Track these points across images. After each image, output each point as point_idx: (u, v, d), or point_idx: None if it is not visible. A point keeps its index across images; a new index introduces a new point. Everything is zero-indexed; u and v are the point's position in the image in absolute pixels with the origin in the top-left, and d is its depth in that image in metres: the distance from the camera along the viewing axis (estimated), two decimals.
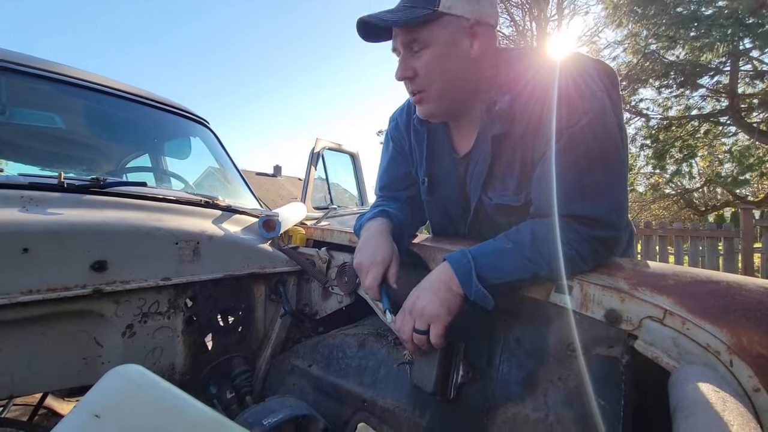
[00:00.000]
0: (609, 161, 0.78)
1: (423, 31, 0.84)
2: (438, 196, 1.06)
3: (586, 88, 0.78)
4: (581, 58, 0.84)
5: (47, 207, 0.93)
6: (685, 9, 7.83)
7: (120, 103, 1.53)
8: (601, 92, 0.78)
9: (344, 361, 1.05)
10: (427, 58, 0.86)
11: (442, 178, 1.04)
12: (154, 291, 1.00)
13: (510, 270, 0.77)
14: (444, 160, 1.02)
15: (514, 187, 0.89)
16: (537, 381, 0.78)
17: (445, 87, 0.88)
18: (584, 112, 0.76)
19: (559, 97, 0.78)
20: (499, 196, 0.92)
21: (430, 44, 0.85)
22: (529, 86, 0.84)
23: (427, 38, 0.85)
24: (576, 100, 0.77)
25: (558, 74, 0.80)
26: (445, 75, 0.87)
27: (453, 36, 0.84)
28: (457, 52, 0.85)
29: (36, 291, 0.82)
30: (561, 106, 0.78)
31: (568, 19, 10.18)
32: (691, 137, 9.46)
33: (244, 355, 1.21)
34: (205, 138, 1.86)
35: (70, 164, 1.57)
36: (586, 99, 0.77)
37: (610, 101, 0.79)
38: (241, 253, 1.18)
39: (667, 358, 0.64)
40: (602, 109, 0.77)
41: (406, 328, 0.81)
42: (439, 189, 1.05)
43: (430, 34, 0.84)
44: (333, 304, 1.25)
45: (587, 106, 0.77)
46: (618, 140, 0.80)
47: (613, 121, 0.79)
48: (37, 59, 1.33)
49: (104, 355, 0.94)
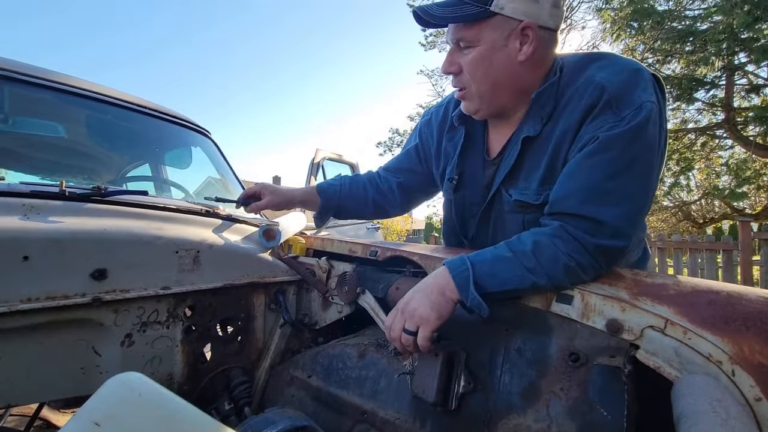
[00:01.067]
0: (638, 171, 0.77)
1: (472, 28, 0.82)
2: (460, 195, 1.06)
3: (636, 98, 0.77)
4: (637, 65, 0.83)
5: (48, 215, 0.93)
6: (680, 24, 7.97)
7: (121, 113, 1.55)
8: (650, 103, 0.77)
9: (344, 372, 1.04)
10: (473, 57, 0.84)
11: (469, 178, 1.03)
12: (154, 300, 1.00)
13: (508, 279, 0.77)
14: (475, 160, 1.02)
15: (537, 186, 0.88)
16: (539, 391, 0.77)
17: (487, 89, 0.87)
18: (628, 120, 0.76)
19: (607, 104, 0.78)
20: (520, 192, 0.91)
21: (478, 43, 0.83)
22: (579, 88, 0.83)
23: (475, 37, 0.83)
24: (624, 109, 0.77)
25: (612, 79, 0.79)
26: (488, 77, 0.85)
27: (502, 37, 0.82)
28: (503, 54, 0.83)
29: (35, 299, 0.81)
30: (607, 112, 0.78)
31: (566, 33, 10.33)
32: (688, 150, 9.53)
33: (242, 366, 1.20)
34: (206, 148, 1.87)
35: (71, 173, 1.57)
36: (635, 108, 0.76)
37: (657, 114, 0.79)
38: (241, 262, 1.18)
39: (670, 368, 0.63)
40: (646, 119, 0.76)
41: (396, 327, 0.81)
42: (464, 188, 1.05)
43: (478, 32, 0.82)
44: (333, 313, 1.25)
45: (632, 114, 0.76)
46: (654, 153, 0.80)
47: (655, 133, 0.79)
48: (39, 69, 1.35)
49: (102, 365, 0.94)
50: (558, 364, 0.77)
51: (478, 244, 1.03)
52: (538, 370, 0.79)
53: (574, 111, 0.82)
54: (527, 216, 0.92)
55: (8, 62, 1.28)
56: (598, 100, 0.79)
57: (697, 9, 8.08)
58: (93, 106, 1.47)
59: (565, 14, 9.91)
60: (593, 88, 0.80)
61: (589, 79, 0.82)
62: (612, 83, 0.79)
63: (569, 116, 0.82)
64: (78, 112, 1.49)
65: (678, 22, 8.00)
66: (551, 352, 0.79)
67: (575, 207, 0.78)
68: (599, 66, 0.84)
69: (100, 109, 1.49)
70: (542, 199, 0.87)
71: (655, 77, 0.83)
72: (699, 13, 7.99)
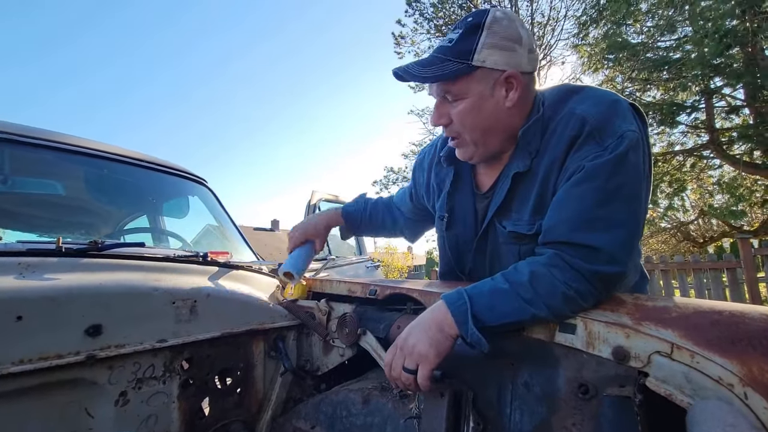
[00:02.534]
0: (627, 197, 0.78)
1: (457, 83, 0.85)
2: (453, 232, 1.07)
3: (617, 128, 0.79)
4: (615, 96, 0.86)
5: (44, 273, 0.93)
6: (654, 54, 8.37)
7: (118, 167, 1.58)
8: (631, 132, 0.80)
9: (349, 420, 1.00)
10: (463, 108, 0.87)
11: (460, 214, 1.05)
12: (150, 354, 0.97)
13: (507, 312, 0.76)
14: (465, 196, 1.04)
15: (528, 217, 0.89)
16: (551, 429, 0.74)
17: (480, 136, 0.89)
18: (610, 149, 0.78)
19: (589, 135, 0.80)
20: (513, 224, 0.92)
21: (465, 96, 0.86)
22: (561, 121, 0.85)
23: (462, 90, 0.85)
24: (606, 140, 0.79)
25: (591, 111, 0.82)
26: (479, 125, 0.88)
27: (488, 88, 0.85)
28: (491, 103, 0.86)
29: (28, 360, 0.79)
30: (590, 143, 0.80)
31: (546, 69, 10.80)
32: (679, 171, 9.71)
33: (243, 420, 1.15)
34: (203, 196, 1.90)
35: (69, 229, 1.58)
36: (617, 138, 0.78)
37: (639, 141, 0.81)
38: (239, 309, 1.16)
39: (681, 395, 0.61)
40: (628, 148, 0.78)
41: (396, 365, 0.79)
42: (456, 225, 1.06)
43: (465, 86, 0.85)
44: (335, 357, 1.21)
45: (614, 144, 0.78)
46: (641, 179, 0.81)
47: (639, 160, 0.80)
48: (37, 129, 1.39)
49: (95, 428, 0.90)
50: (568, 397, 0.74)
51: (476, 278, 1.02)
52: (548, 406, 0.76)
53: (559, 143, 0.84)
54: (523, 247, 0.92)
55: (8, 125, 1.33)
56: (581, 132, 0.81)
57: (668, 40, 8.52)
58: (90, 163, 1.50)
59: (544, 52, 10.46)
60: (575, 121, 0.83)
61: (570, 112, 0.85)
62: (592, 115, 0.81)
63: (555, 148, 0.85)
64: (76, 169, 1.52)
65: (653, 53, 8.40)
66: (560, 385, 0.76)
67: (567, 235, 0.78)
68: (578, 99, 0.87)
69: (96, 165, 1.52)
70: (535, 229, 0.88)
71: (634, 106, 0.86)
72: (671, 44, 8.42)
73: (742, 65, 7.34)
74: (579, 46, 9.61)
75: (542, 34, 10.31)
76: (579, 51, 9.60)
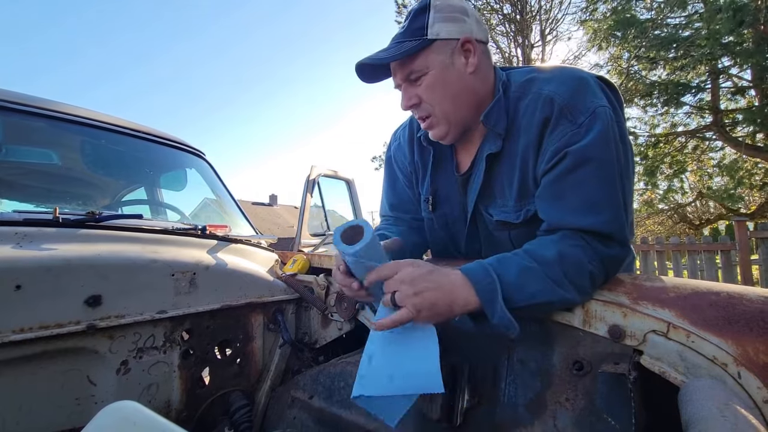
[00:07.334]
0: (614, 177, 0.78)
1: (417, 60, 0.86)
2: (440, 213, 1.06)
3: (588, 104, 0.78)
4: (581, 73, 0.85)
5: (42, 243, 0.92)
6: (663, 32, 8.16)
7: (115, 138, 1.55)
8: (603, 107, 0.78)
9: (346, 391, 1.02)
10: (427, 83, 0.87)
11: (444, 195, 1.04)
12: (150, 325, 0.98)
13: (534, 292, 0.72)
14: (447, 177, 1.03)
15: (514, 203, 0.89)
16: (545, 403, 0.76)
17: (450, 106, 0.89)
18: (585, 127, 0.77)
19: (561, 114, 0.79)
20: (500, 212, 0.92)
21: (427, 70, 0.87)
22: (530, 104, 0.85)
23: (423, 65, 0.86)
24: (579, 117, 0.78)
25: (559, 90, 0.81)
26: (448, 94, 0.88)
27: (447, 57, 0.86)
28: (454, 71, 0.87)
29: (28, 329, 0.80)
30: (563, 122, 0.79)
31: (552, 45, 10.55)
32: (680, 153, 9.64)
33: (242, 389, 1.18)
34: (201, 169, 1.87)
35: (66, 200, 1.56)
36: (589, 115, 0.77)
37: (613, 116, 0.80)
38: (238, 283, 1.16)
39: (675, 373, 0.63)
40: (605, 125, 0.77)
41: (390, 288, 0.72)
42: (442, 206, 1.05)
43: (424, 61, 0.86)
44: (333, 331, 1.23)
45: (588, 120, 0.77)
46: (622, 155, 0.81)
47: (617, 135, 0.80)
48: (32, 97, 1.35)
49: (98, 395, 0.91)
50: (562, 373, 0.76)
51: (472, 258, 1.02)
52: (542, 381, 0.78)
53: (531, 125, 0.84)
54: (512, 232, 0.93)
55: (2, 92, 1.29)
56: (551, 112, 0.81)
57: (678, 17, 8.29)
58: (86, 132, 1.47)
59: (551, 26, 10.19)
60: (543, 102, 0.82)
61: (538, 93, 0.84)
62: (559, 94, 0.81)
63: (527, 131, 0.85)
64: (72, 138, 1.49)
65: (661, 30, 8.18)
66: (555, 361, 0.77)
67: (579, 222, 0.77)
68: (544, 79, 0.86)
69: (93, 134, 1.49)
70: (522, 217, 0.88)
71: (603, 79, 0.86)
72: (681, 21, 8.20)
73: (752, 44, 7.18)
74: (586, 21, 9.34)
75: (549, 8, 10.01)
76: (586, 27, 9.34)
